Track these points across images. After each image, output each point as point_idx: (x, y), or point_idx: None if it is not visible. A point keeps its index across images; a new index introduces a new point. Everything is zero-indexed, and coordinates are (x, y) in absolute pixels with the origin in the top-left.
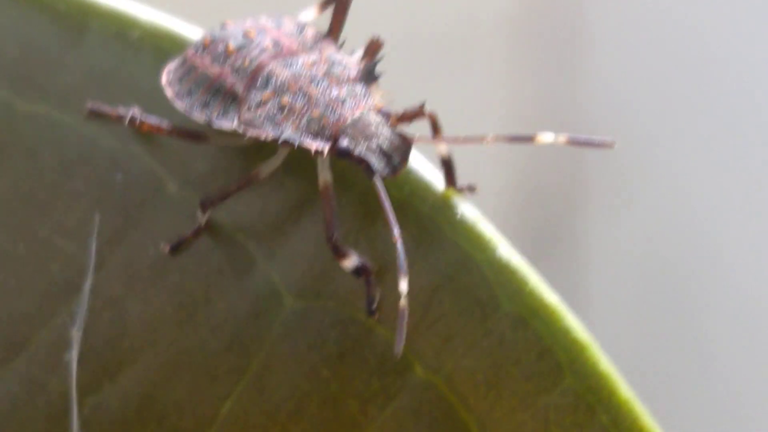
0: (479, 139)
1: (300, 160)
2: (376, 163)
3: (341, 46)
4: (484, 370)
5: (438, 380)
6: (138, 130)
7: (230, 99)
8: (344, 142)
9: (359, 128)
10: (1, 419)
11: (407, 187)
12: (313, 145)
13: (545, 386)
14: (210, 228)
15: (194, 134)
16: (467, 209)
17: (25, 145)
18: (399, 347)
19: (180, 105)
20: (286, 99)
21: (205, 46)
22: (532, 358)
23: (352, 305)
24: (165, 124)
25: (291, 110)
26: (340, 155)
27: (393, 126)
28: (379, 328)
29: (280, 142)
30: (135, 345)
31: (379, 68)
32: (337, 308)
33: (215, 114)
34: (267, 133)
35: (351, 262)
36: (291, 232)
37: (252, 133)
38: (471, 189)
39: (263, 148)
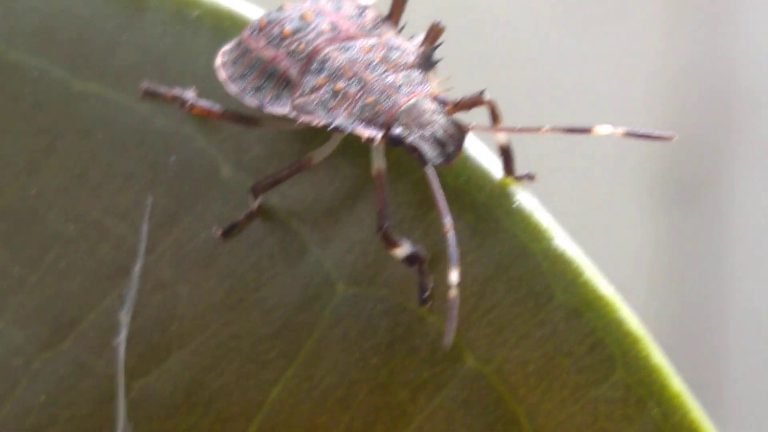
0: (536, 129)
1: (356, 146)
2: (429, 151)
3: (401, 29)
4: (535, 361)
5: (489, 370)
6: (189, 112)
7: (284, 83)
8: (397, 130)
9: (413, 115)
10: (49, 401)
11: (464, 175)
12: (365, 132)
13: (596, 378)
14: (262, 213)
15: (246, 118)
16: (524, 198)
17: (79, 124)
18: (449, 338)
19: (233, 89)
20: (341, 84)
21: (261, 28)
22: (584, 350)
23: (403, 293)
24: (216, 107)
25: (345, 96)
26: (392, 143)
27: (449, 113)
28: (430, 316)
29: (331, 128)
30: (184, 329)
31: (437, 54)
32: (389, 296)
33: (267, 99)
34: (319, 119)
35: (403, 250)
36: (344, 219)
37: (304, 119)
38: (530, 177)
39: (318, 134)
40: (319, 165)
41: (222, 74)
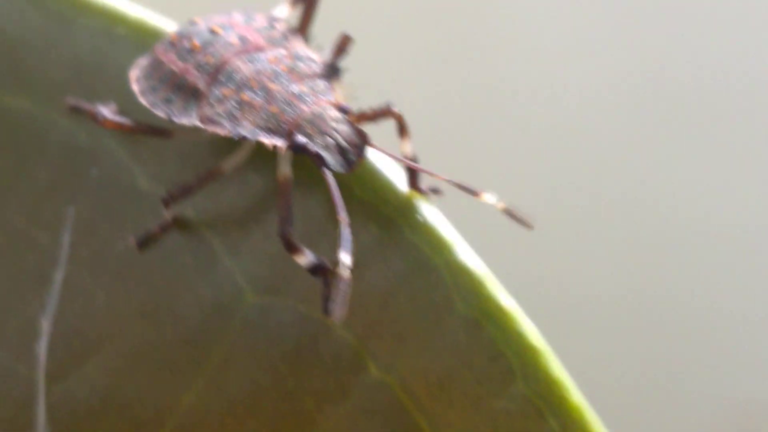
0: (428, 172)
1: (266, 155)
2: (330, 158)
3: (310, 41)
4: (437, 371)
5: (392, 380)
6: (104, 126)
7: (191, 95)
8: (300, 138)
9: (316, 124)
10: None
11: (370, 188)
12: (269, 141)
13: (496, 390)
14: (176, 223)
15: (158, 130)
16: (430, 212)
17: (7, 137)
18: (336, 312)
19: (145, 101)
20: (247, 95)
21: (173, 43)
22: (484, 362)
23: (310, 303)
24: (128, 121)
25: (250, 106)
26: (296, 150)
27: (354, 122)
28: (336, 327)
29: (237, 138)
30: (101, 335)
31: (343, 64)
32: (296, 306)
33: (176, 110)
34: (224, 129)
35: (306, 259)
36: (255, 229)
37: (210, 129)
38: (436, 192)
39: (231, 144)
40: (230, 175)
41: (136, 87)
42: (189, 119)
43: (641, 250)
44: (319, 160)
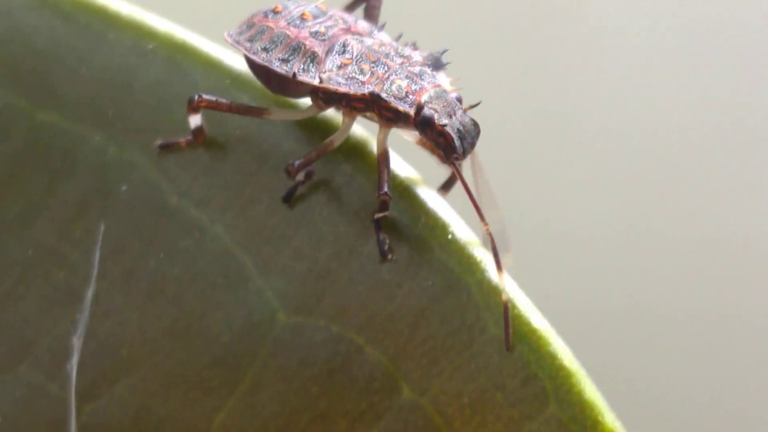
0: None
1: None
2: (457, 139)
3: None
4: (469, 393)
5: (425, 402)
6: (198, 105)
7: (310, 58)
8: (429, 110)
9: (441, 102)
10: (3, 423)
11: (401, 205)
12: (400, 106)
13: (529, 413)
14: (207, 241)
15: (254, 109)
16: (459, 230)
17: (39, 153)
18: (508, 342)
19: (258, 58)
20: (367, 66)
21: (277, 12)
22: (517, 384)
23: (342, 323)
24: (224, 100)
25: (373, 74)
26: (421, 125)
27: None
28: (367, 347)
29: (368, 94)
30: (133, 355)
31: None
32: (328, 326)
33: (298, 68)
34: (354, 89)
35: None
36: (285, 247)
37: (339, 88)
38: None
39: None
40: (258, 193)
41: (242, 48)
42: (312, 78)
43: (660, 264)
44: (444, 141)
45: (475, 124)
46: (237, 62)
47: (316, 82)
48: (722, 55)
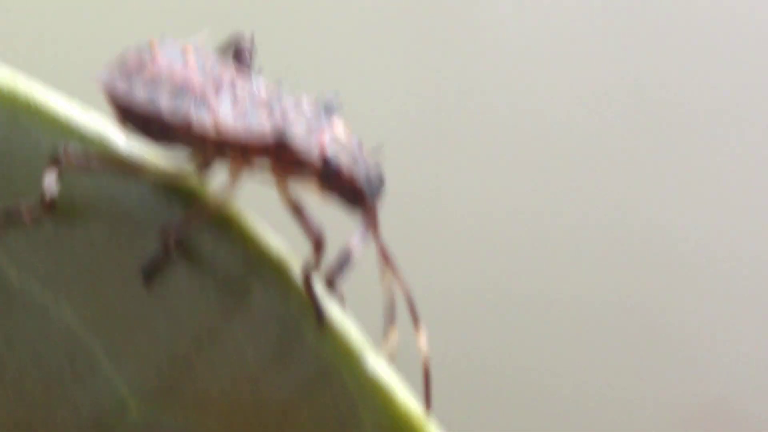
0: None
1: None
2: (367, 186)
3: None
4: None
5: None
6: (67, 167)
7: (200, 101)
8: (334, 159)
9: (345, 147)
10: None
11: (270, 284)
12: (306, 154)
13: None
14: (52, 323)
15: (129, 167)
16: (335, 312)
17: None
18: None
19: (140, 104)
20: (263, 111)
21: (153, 48)
22: None
23: (201, 415)
24: (94, 159)
25: (271, 119)
26: (326, 172)
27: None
28: None
29: (272, 142)
30: None
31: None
32: (185, 416)
33: (190, 115)
34: (257, 137)
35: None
36: (140, 332)
37: (239, 136)
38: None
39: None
40: (114, 273)
41: (118, 92)
42: (205, 127)
43: (607, 251)
44: (353, 189)
45: (377, 164)
46: (88, 120)
47: (212, 133)
48: (622, 37)
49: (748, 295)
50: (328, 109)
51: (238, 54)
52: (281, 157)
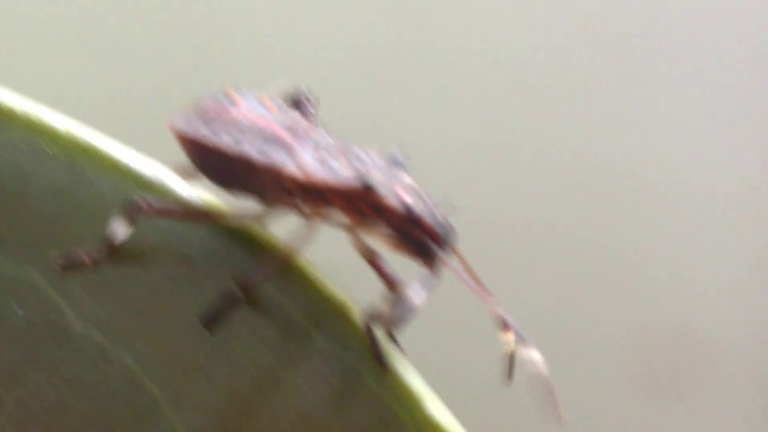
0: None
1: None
2: (444, 236)
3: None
4: None
5: None
6: (147, 215)
7: (286, 150)
8: (416, 208)
9: (420, 197)
10: None
11: (332, 332)
12: (392, 202)
13: None
14: (114, 371)
15: (208, 214)
16: (395, 357)
17: None
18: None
19: (228, 149)
20: (344, 161)
21: (233, 100)
22: None
23: None
24: (173, 204)
25: (354, 169)
26: (410, 222)
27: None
28: None
29: (360, 187)
30: None
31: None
32: None
33: (279, 160)
34: (345, 182)
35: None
36: (202, 380)
37: (328, 181)
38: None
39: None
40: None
41: (204, 138)
42: (294, 170)
43: (566, 182)
44: (430, 239)
45: (446, 217)
46: (147, 167)
47: (301, 176)
48: None
49: (703, 224)
50: (396, 161)
51: (300, 105)
52: (362, 203)
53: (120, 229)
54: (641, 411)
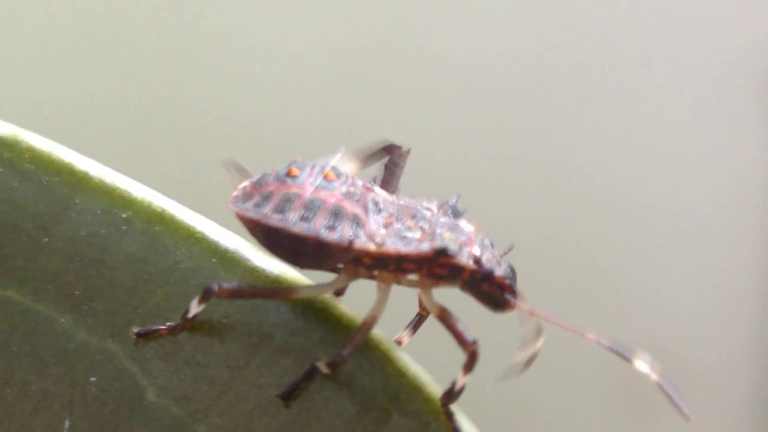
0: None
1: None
2: (512, 282)
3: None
4: None
5: None
6: (218, 297)
7: (354, 222)
8: (487, 264)
9: (487, 250)
10: None
11: (372, 373)
12: (464, 261)
13: None
14: (152, 410)
15: (280, 291)
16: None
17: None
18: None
19: (299, 230)
20: (410, 222)
21: (294, 176)
22: None
23: None
24: (244, 285)
25: (422, 230)
26: (481, 276)
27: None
28: None
29: (430, 252)
30: None
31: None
32: None
33: (349, 234)
34: (414, 248)
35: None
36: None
37: (399, 249)
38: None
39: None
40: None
41: (271, 221)
42: (364, 244)
43: (531, 195)
44: (501, 291)
45: (510, 265)
46: (223, 237)
47: (372, 248)
48: None
49: (685, 251)
50: (456, 213)
51: (392, 166)
52: (435, 266)
53: (196, 304)
54: (617, 428)
